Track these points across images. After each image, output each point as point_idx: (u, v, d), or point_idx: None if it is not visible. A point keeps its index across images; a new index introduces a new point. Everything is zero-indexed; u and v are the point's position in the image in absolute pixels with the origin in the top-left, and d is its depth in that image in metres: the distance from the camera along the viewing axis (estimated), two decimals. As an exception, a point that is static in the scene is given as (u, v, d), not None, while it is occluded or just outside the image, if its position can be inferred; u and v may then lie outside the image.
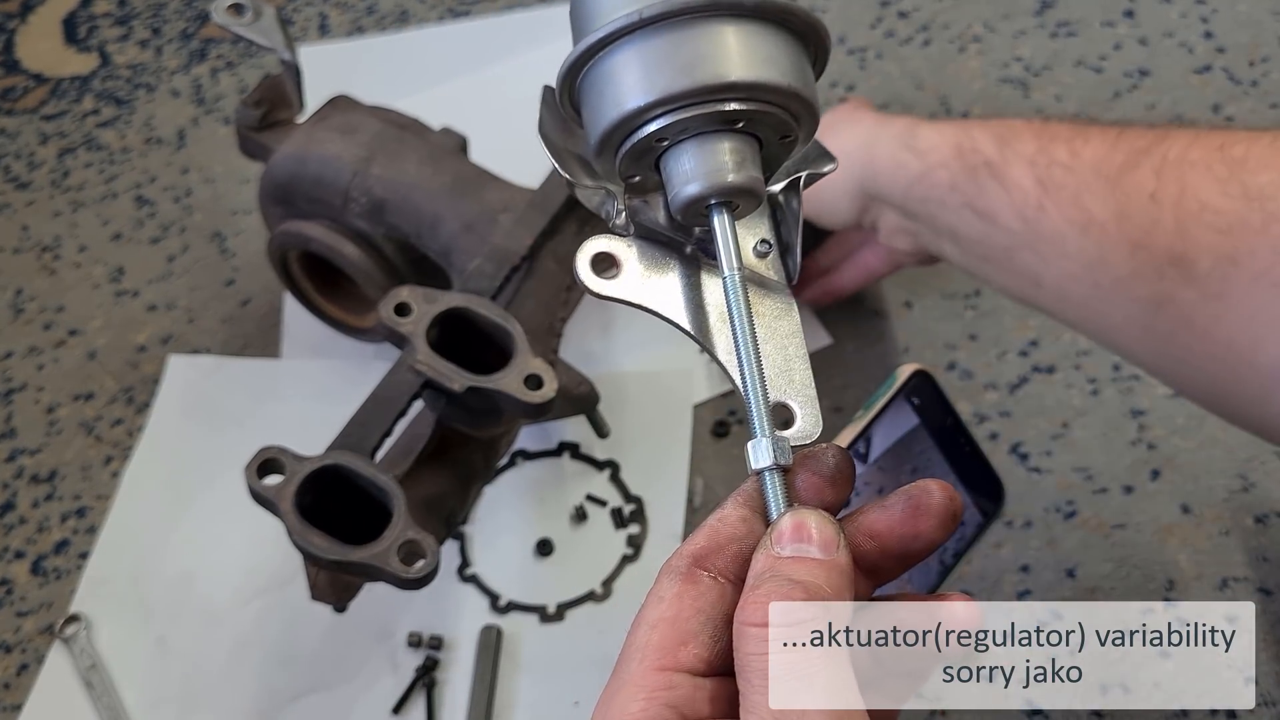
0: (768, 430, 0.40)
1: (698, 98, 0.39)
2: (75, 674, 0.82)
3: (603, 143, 0.41)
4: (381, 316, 0.70)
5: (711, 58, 0.39)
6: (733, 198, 0.41)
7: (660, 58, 0.39)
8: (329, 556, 0.63)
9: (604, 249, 0.43)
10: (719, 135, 0.40)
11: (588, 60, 0.41)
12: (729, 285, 0.41)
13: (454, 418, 0.73)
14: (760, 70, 0.39)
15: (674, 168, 0.41)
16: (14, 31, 1.29)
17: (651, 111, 0.40)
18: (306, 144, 0.86)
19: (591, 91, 0.41)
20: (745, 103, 0.39)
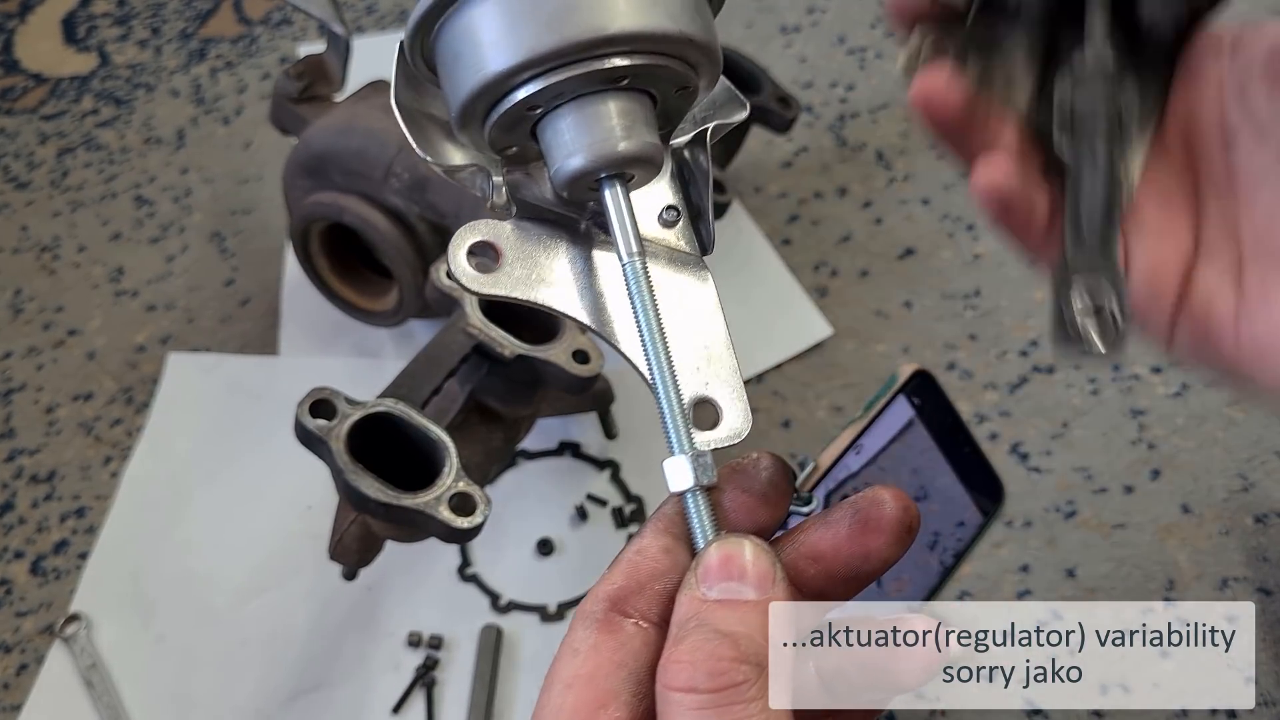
0: (686, 446, 0.35)
1: (572, 55, 0.33)
2: (75, 673, 0.82)
3: (464, 113, 0.35)
4: (434, 279, 0.71)
5: (585, 5, 0.32)
6: (625, 168, 0.35)
7: (525, 8, 0.33)
8: (380, 499, 0.63)
9: (481, 238, 0.37)
10: (602, 96, 0.34)
11: (441, 11, 0.34)
12: (628, 273, 0.35)
13: (488, 390, 0.73)
14: (643, 18, 0.33)
15: (553, 138, 0.35)
16: (13, 31, 1.29)
17: (519, 75, 0.33)
18: (350, 117, 0.87)
19: (448, 51, 0.35)
20: (629, 57, 0.33)
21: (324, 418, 0.65)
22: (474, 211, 0.83)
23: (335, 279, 0.93)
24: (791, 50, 1.15)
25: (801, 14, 1.18)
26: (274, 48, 1.24)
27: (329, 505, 0.72)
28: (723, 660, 0.31)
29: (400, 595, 0.83)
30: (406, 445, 0.67)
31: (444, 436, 0.66)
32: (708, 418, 0.38)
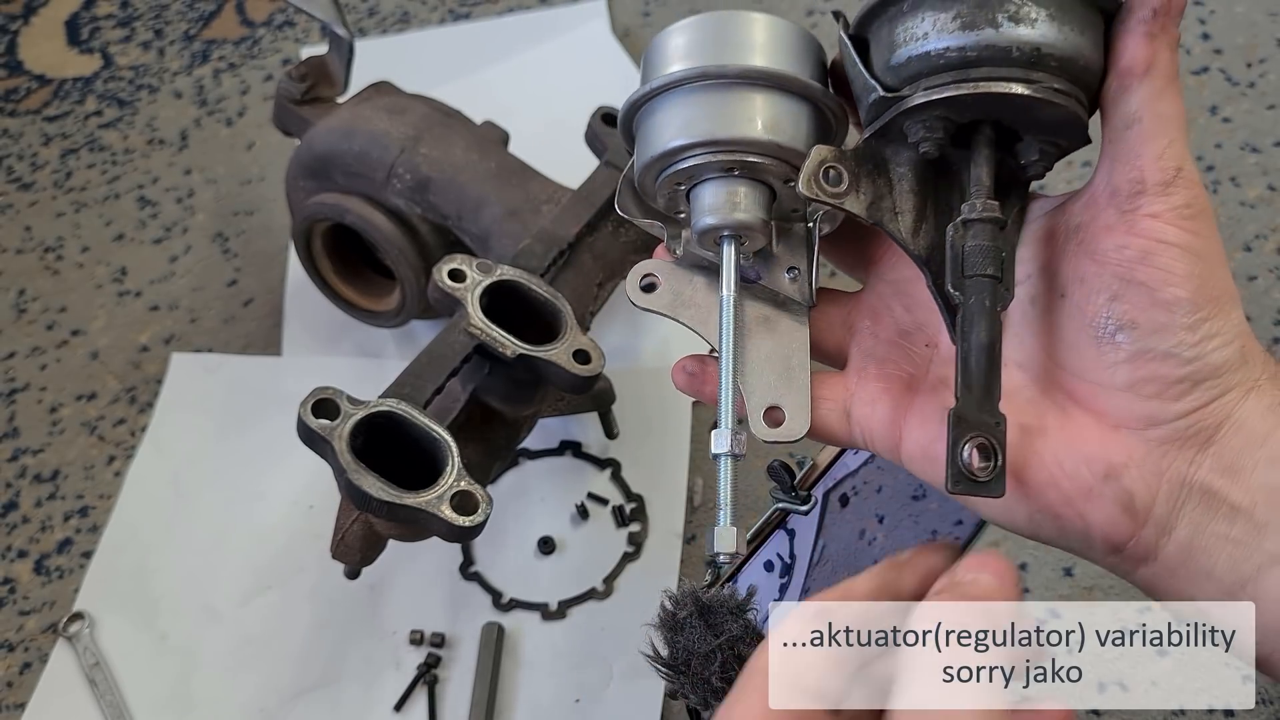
0: (728, 424, 0.48)
1: (725, 146, 0.48)
2: (79, 672, 0.82)
3: (643, 175, 0.51)
4: (435, 280, 0.71)
5: (743, 117, 0.48)
6: (738, 231, 0.50)
7: (701, 110, 0.49)
8: (382, 498, 0.63)
9: (649, 270, 0.53)
10: (729, 179, 0.49)
11: (647, 100, 0.50)
12: (723, 304, 0.50)
13: (490, 390, 0.73)
14: (783, 135, 0.48)
15: (696, 203, 0.50)
16: (17, 33, 1.30)
17: (679, 154, 0.49)
18: (353, 119, 0.87)
19: (646, 125, 0.51)
20: (764, 157, 0.48)
21: (326, 417, 0.65)
22: (475, 213, 0.83)
23: (338, 279, 0.94)
24: (792, 51, 1.15)
25: (801, 15, 1.18)
26: (277, 49, 1.24)
27: (331, 504, 0.72)
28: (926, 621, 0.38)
29: (402, 594, 0.84)
30: (409, 444, 0.68)
31: (446, 436, 0.67)
32: (775, 419, 0.50)
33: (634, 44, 1.17)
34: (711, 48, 0.49)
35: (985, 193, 0.46)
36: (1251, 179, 0.97)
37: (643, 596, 0.82)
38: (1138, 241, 0.45)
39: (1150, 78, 0.45)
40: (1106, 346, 0.46)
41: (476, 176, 0.84)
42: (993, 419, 0.45)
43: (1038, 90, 0.44)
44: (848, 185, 0.48)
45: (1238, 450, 0.44)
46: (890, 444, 0.50)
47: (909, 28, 0.46)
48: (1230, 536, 0.44)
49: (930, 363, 0.51)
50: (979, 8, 0.44)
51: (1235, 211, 0.96)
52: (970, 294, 0.46)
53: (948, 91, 0.45)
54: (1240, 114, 1.01)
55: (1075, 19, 0.44)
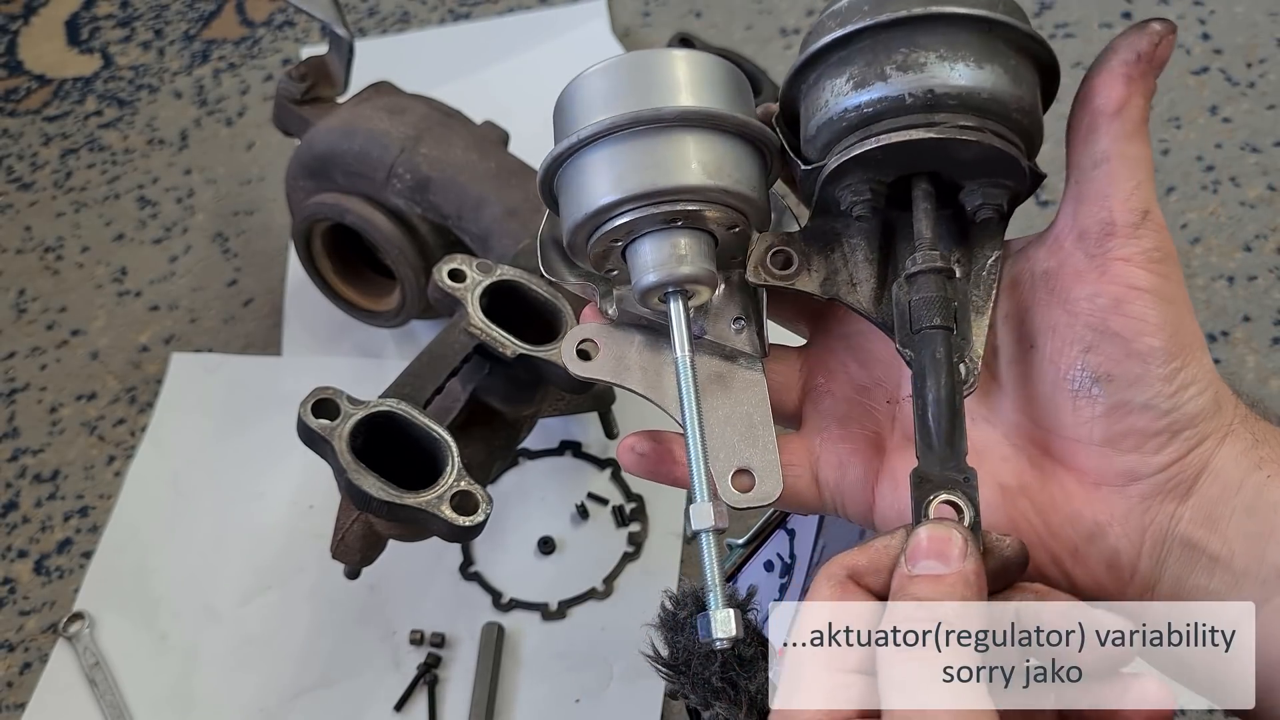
0: (705, 497, 0.44)
1: (647, 200, 0.44)
2: (79, 672, 0.82)
3: (573, 237, 0.47)
4: (435, 279, 0.71)
5: (674, 163, 0.44)
6: (685, 285, 0.46)
7: (628, 161, 0.45)
8: (382, 498, 0.63)
9: (586, 336, 0.49)
10: (670, 231, 0.45)
11: (561, 162, 0.46)
12: (679, 366, 0.45)
13: (490, 390, 0.73)
14: (720, 177, 0.45)
15: (635, 260, 0.46)
16: (17, 33, 1.30)
17: (611, 211, 0.45)
18: (353, 119, 0.87)
19: (566, 188, 0.47)
20: (687, 203, 0.44)
21: (326, 417, 0.65)
22: (475, 212, 0.83)
23: (338, 279, 0.94)
24: (791, 52, 1.15)
25: (801, 16, 1.18)
26: (276, 49, 1.24)
27: (331, 504, 0.72)
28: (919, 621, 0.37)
29: (402, 594, 0.84)
30: (409, 444, 0.68)
31: (446, 436, 0.67)
32: (745, 484, 0.47)
33: (634, 44, 1.17)
34: (632, 92, 0.45)
35: (926, 244, 0.45)
36: (1251, 179, 0.97)
37: (643, 596, 0.82)
38: (1110, 289, 0.44)
39: (1122, 119, 0.44)
40: (1082, 401, 0.44)
41: (476, 176, 0.84)
42: (960, 474, 0.42)
43: (940, 132, 0.43)
44: (798, 266, 0.48)
45: (1215, 499, 0.44)
46: (863, 509, 0.49)
47: (816, 98, 0.46)
48: (1209, 588, 0.44)
49: (895, 420, 0.49)
50: (868, 65, 0.44)
51: (1235, 211, 0.96)
52: (921, 347, 0.44)
53: (853, 151, 0.44)
54: (1240, 114, 1.01)
55: (970, 55, 0.43)
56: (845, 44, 0.44)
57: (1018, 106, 0.44)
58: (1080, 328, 0.44)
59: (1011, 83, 0.44)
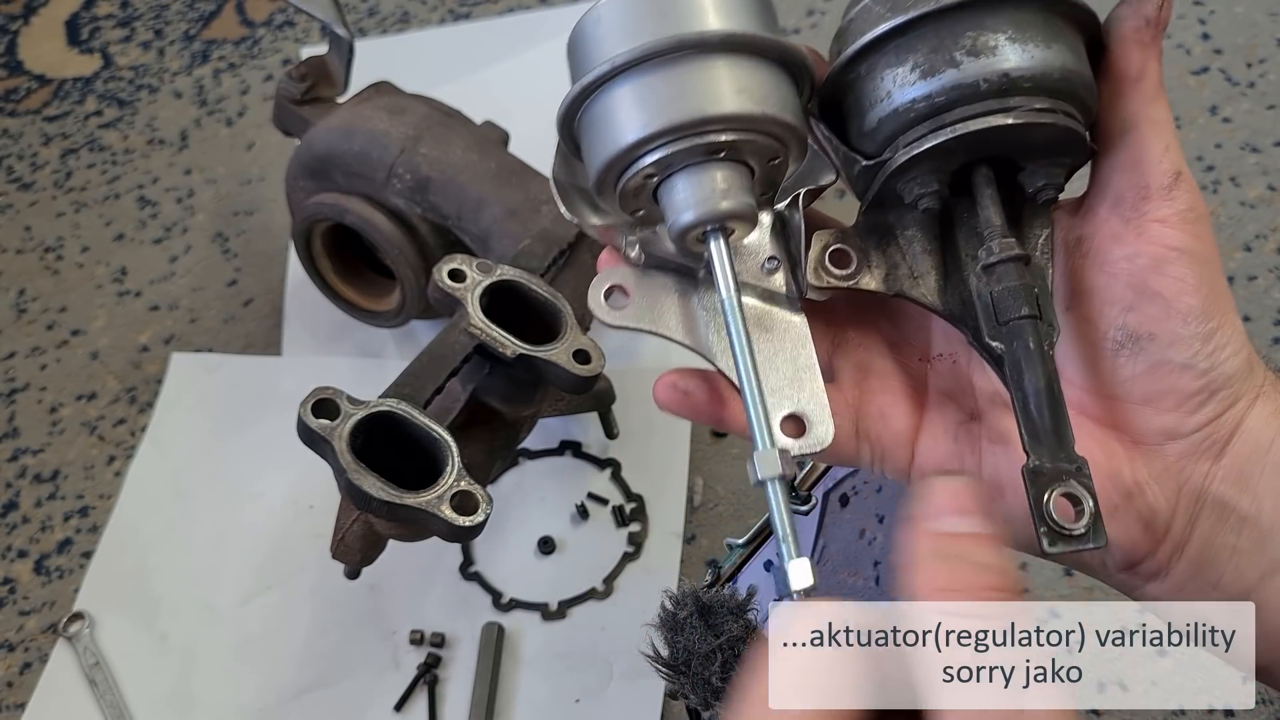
0: (770, 444, 0.41)
1: (684, 132, 0.41)
2: (79, 672, 0.82)
3: (602, 177, 0.44)
4: (435, 280, 0.71)
5: (705, 92, 0.41)
6: (726, 222, 0.43)
7: (653, 94, 0.41)
8: (382, 498, 0.63)
9: (615, 282, 0.46)
10: (708, 164, 0.42)
11: (584, 99, 0.43)
12: (726, 308, 0.43)
13: (490, 390, 0.73)
14: (754, 103, 0.41)
15: (669, 199, 0.43)
16: (17, 33, 1.30)
17: (644, 146, 0.42)
18: (353, 119, 0.87)
19: (590, 126, 0.43)
20: (728, 133, 0.41)
21: (326, 417, 0.65)
22: (475, 213, 0.83)
23: (338, 279, 0.94)
24: (792, 51, 1.15)
25: (801, 16, 1.18)
26: (276, 49, 1.24)
27: (331, 504, 0.72)
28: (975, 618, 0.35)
29: (402, 594, 0.84)
30: (409, 444, 0.68)
31: (446, 436, 0.67)
32: (796, 429, 0.45)
33: (634, 44, 1.17)
34: (654, 19, 0.42)
35: (999, 232, 0.44)
36: (1252, 179, 0.97)
37: (643, 596, 0.82)
38: (1149, 249, 0.44)
39: (1143, 83, 0.44)
40: (1122, 359, 0.45)
41: (476, 176, 0.84)
42: (1072, 464, 0.42)
43: (1019, 116, 0.42)
44: (857, 265, 0.47)
45: (1246, 458, 0.44)
46: (901, 463, 0.48)
47: (872, 90, 0.44)
48: (1237, 546, 0.44)
49: (926, 377, 0.49)
50: (934, 51, 0.42)
51: (1235, 211, 0.96)
52: (1013, 340, 0.43)
53: (928, 143, 0.43)
54: (1240, 114, 1.01)
55: (1037, 35, 0.42)
56: (905, 31, 0.43)
57: (1083, 83, 0.44)
58: (1120, 288, 0.45)
59: (1076, 59, 0.43)
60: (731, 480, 0.88)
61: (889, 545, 0.82)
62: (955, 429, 0.48)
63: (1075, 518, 0.41)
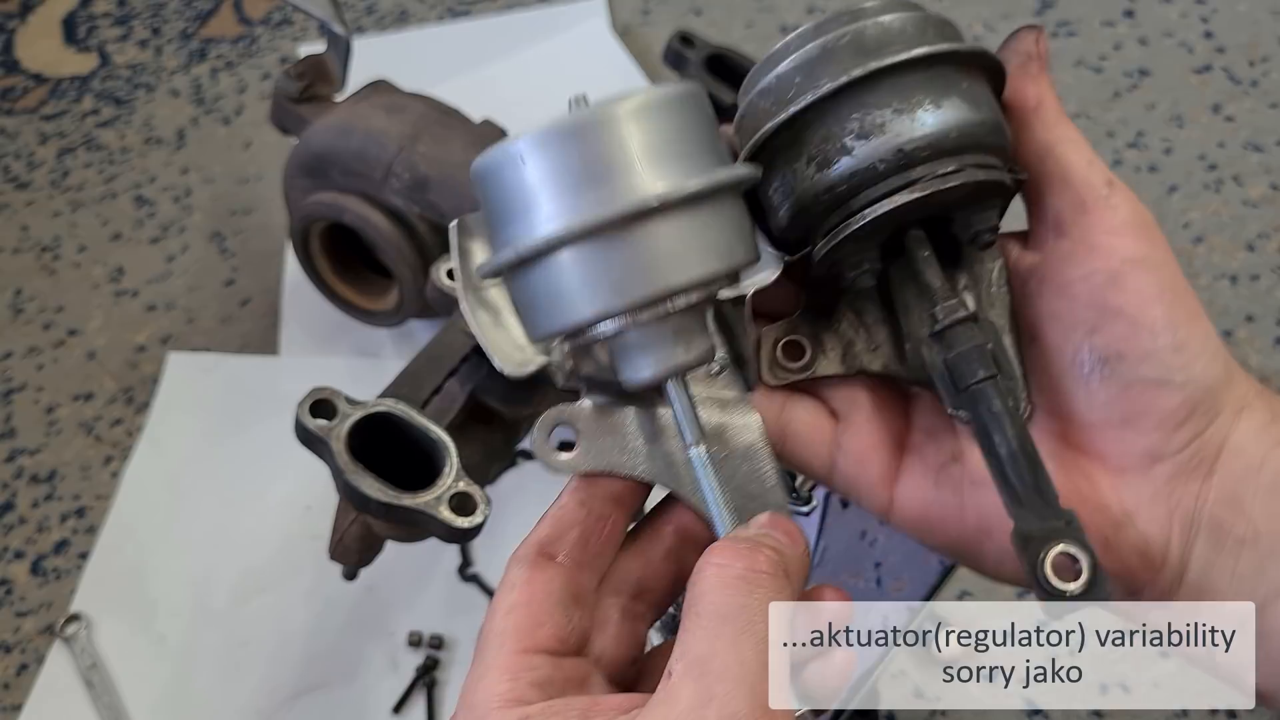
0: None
1: (652, 302, 0.37)
2: (76, 673, 0.82)
3: (543, 339, 0.40)
4: (433, 279, 0.71)
5: (659, 264, 0.37)
6: (683, 372, 0.40)
7: (607, 268, 0.37)
8: (380, 499, 0.62)
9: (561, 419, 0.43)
10: (663, 322, 0.39)
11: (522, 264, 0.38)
12: (694, 459, 0.40)
13: (488, 390, 0.73)
14: (711, 262, 0.38)
15: (623, 355, 0.40)
16: (13, 31, 1.29)
17: (604, 318, 0.38)
18: (351, 118, 0.87)
19: (527, 293, 0.39)
20: (691, 295, 0.38)
21: (324, 417, 0.65)
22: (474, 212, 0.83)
23: (335, 279, 0.93)
24: (792, 50, 1.15)
25: (801, 14, 1.18)
26: (274, 48, 1.24)
27: (329, 505, 0.72)
28: (763, 554, 0.37)
29: (401, 595, 0.83)
30: (407, 445, 0.67)
31: (444, 436, 0.66)
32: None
33: (633, 41, 1.17)
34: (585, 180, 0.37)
35: (941, 295, 0.43)
36: (1254, 178, 0.97)
37: (642, 597, 0.81)
38: (1103, 264, 0.43)
39: (1042, 111, 0.44)
40: (1095, 383, 0.43)
41: (475, 175, 0.84)
42: (1060, 520, 0.40)
43: (924, 187, 0.41)
44: (812, 354, 0.46)
45: (1238, 477, 0.43)
46: (880, 504, 0.47)
47: (776, 185, 0.43)
48: (1236, 571, 0.43)
49: (911, 416, 0.48)
50: (825, 141, 0.41)
51: (1238, 211, 0.95)
52: (976, 404, 0.42)
53: (841, 234, 0.42)
54: (1243, 113, 1.01)
55: (924, 98, 0.41)
56: (790, 125, 0.42)
57: (985, 129, 0.42)
58: (1080, 309, 0.43)
59: (972, 108, 0.42)
60: (731, 480, 0.87)
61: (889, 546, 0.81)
62: (936, 473, 0.46)
63: (1074, 576, 0.40)
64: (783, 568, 0.37)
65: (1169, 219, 0.96)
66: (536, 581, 0.40)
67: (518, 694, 0.38)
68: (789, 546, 0.38)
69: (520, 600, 0.40)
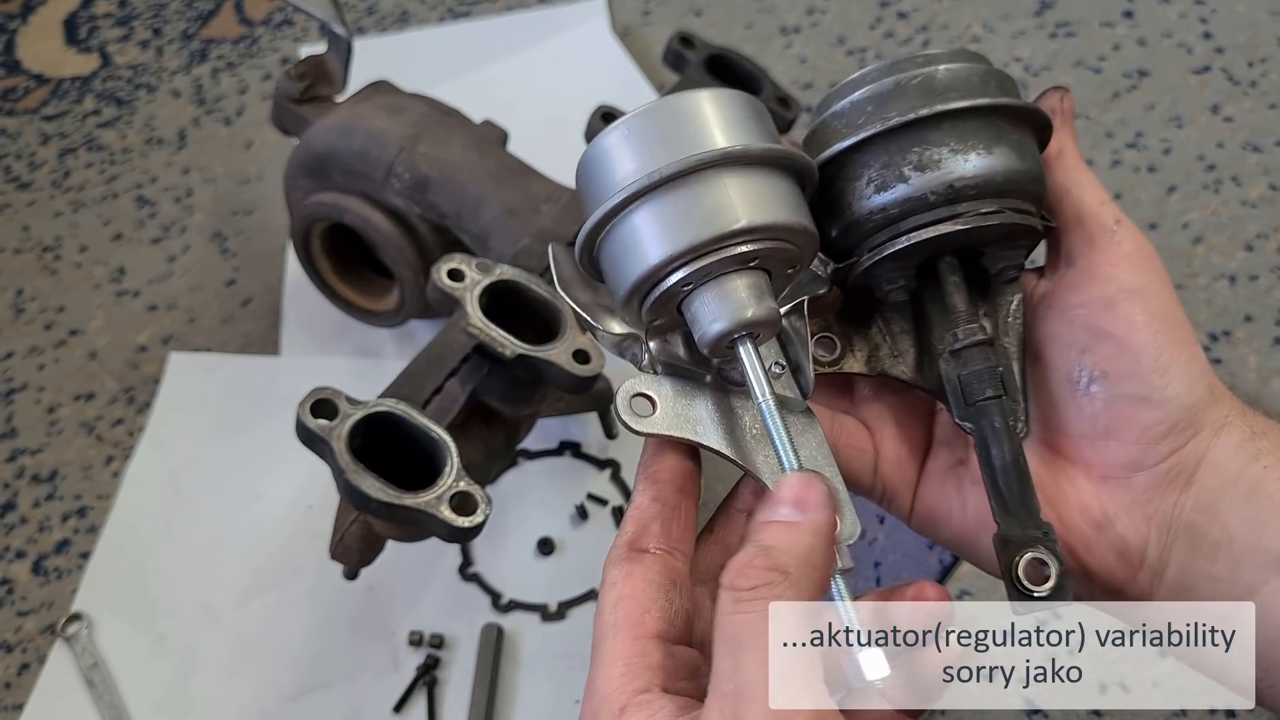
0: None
1: (715, 245, 0.43)
2: (77, 673, 0.82)
3: (629, 295, 0.45)
4: (434, 279, 0.71)
5: (724, 207, 0.43)
6: (754, 329, 0.44)
7: (676, 213, 0.43)
8: (381, 499, 0.63)
9: (641, 390, 0.47)
10: (735, 274, 0.44)
11: (608, 222, 0.44)
12: (765, 410, 0.44)
13: (489, 390, 0.73)
14: (769, 213, 0.43)
15: (698, 310, 0.44)
16: (15, 32, 1.30)
17: (675, 263, 0.43)
18: (352, 118, 0.87)
19: (613, 250, 0.45)
20: (758, 243, 0.43)
21: (325, 417, 0.65)
22: (474, 212, 0.83)
23: (336, 279, 0.94)
24: (792, 51, 1.15)
25: (801, 15, 1.18)
26: (275, 48, 1.24)
27: (330, 505, 0.72)
28: (754, 567, 0.39)
29: (401, 595, 0.83)
30: (408, 445, 0.67)
31: (445, 436, 0.67)
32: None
33: (634, 43, 1.17)
34: (659, 145, 0.43)
35: (964, 318, 0.48)
36: (1253, 178, 0.97)
37: (642, 597, 0.82)
38: (1100, 292, 0.47)
39: (1064, 158, 0.49)
40: (1084, 398, 0.48)
41: (476, 175, 0.84)
42: (1038, 530, 0.45)
43: (966, 221, 0.46)
44: (841, 351, 0.51)
45: (1214, 490, 0.46)
46: (904, 507, 0.52)
47: (835, 200, 0.48)
48: (1212, 574, 0.46)
49: (933, 428, 0.53)
50: (886, 168, 0.47)
51: (1237, 211, 0.96)
52: (980, 419, 0.47)
53: (885, 251, 0.47)
54: (1242, 113, 1.01)
55: (979, 143, 0.46)
56: (857, 149, 0.47)
57: (1028, 178, 0.47)
58: (1076, 331, 0.48)
59: (1019, 158, 0.47)
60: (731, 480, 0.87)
61: (889, 546, 0.82)
62: (945, 473, 0.51)
63: (1042, 580, 0.44)
64: (777, 568, 0.39)
65: (1168, 219, 0.96)
66: (635, 574, 0.43)
67: (634, 679, 0.41)
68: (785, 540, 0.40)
69: (625, 593, 0.43)
